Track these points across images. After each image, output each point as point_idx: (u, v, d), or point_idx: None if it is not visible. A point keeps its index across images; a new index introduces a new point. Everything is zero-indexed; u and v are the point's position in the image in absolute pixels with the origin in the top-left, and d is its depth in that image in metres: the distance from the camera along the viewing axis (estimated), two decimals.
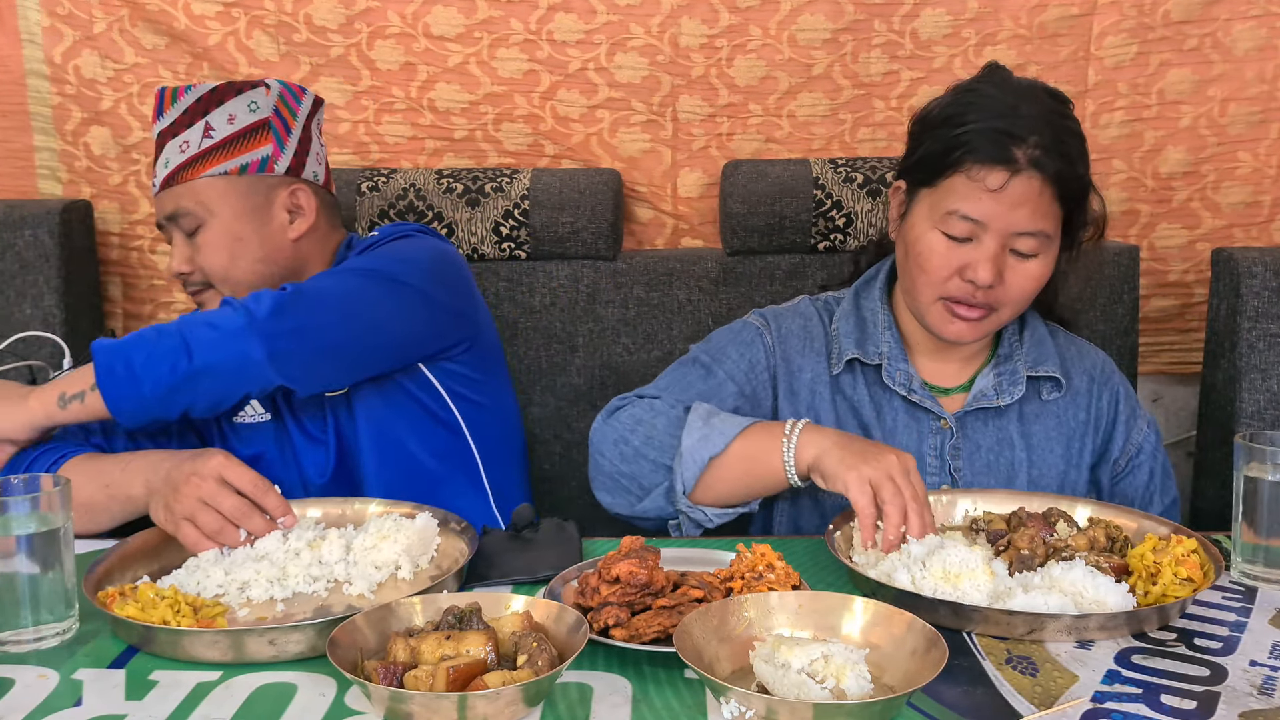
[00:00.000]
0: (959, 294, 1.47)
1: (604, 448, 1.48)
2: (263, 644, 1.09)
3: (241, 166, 1.63)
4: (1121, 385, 1.62)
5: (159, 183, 1.66)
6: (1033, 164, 1.42)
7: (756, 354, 1.59)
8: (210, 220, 1.63)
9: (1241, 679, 1.06)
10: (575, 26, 2.26)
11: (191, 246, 1.65)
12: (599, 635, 1.10)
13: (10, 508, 1.13)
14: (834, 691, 0.97)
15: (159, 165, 1.66)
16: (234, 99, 1.64)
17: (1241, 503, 1.30)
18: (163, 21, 2.27)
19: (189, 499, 1.29)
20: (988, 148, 1.42)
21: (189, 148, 1.62)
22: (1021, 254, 1.45)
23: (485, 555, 1.31)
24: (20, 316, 2.18)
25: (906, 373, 1.56)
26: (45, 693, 1.05)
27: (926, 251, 1.48)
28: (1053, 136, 1.43)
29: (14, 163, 2.35)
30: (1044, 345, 1.59)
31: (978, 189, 1.43)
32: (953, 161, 1.45)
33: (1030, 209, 1.43)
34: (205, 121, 1.62)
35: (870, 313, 1.60)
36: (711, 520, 1.43)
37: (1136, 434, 1.61)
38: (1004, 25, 2.25)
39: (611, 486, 1.48)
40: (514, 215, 2.13)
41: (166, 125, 1.65)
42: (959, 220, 1.44)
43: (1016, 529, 1.31)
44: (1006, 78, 1.51)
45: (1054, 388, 1.58)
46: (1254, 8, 2.24)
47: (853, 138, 2.31)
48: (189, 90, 1.64)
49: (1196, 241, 2.34)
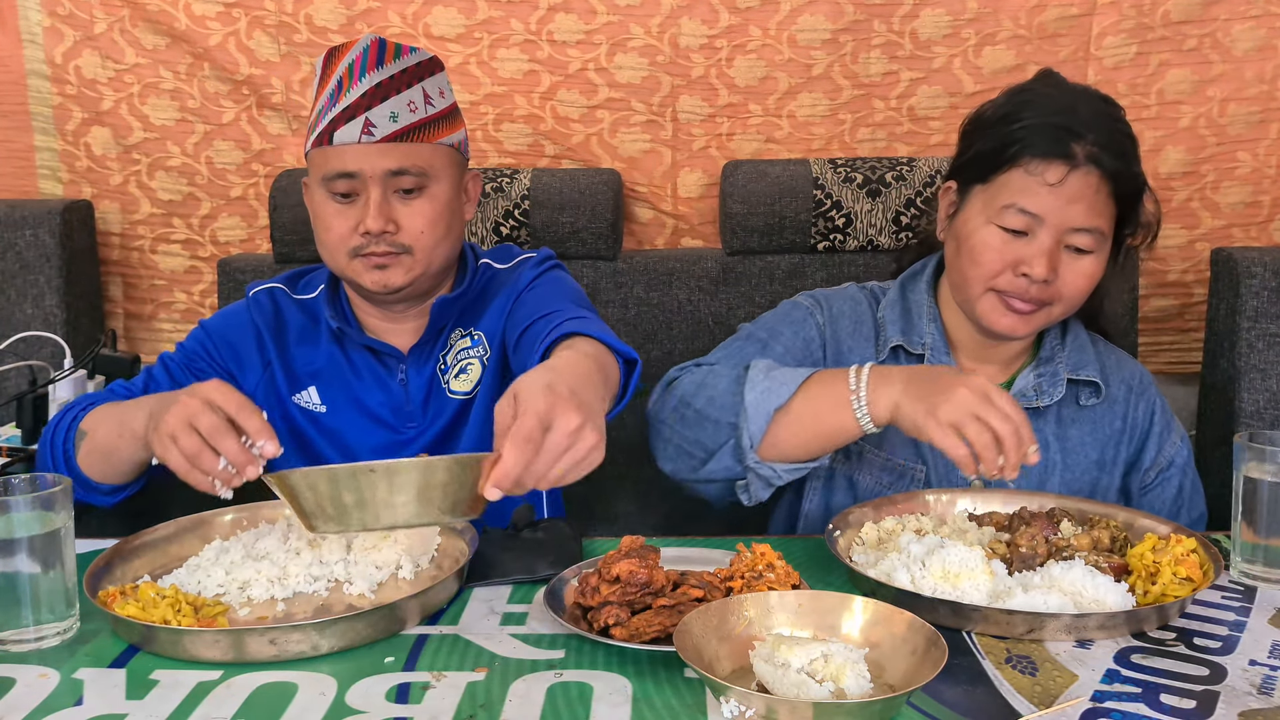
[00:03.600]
0: (1011, 288, 1.47)
1: (663, 415, 1.47)
2: (263, 644, 1.09)
3: (459, 144, 1.60)
4: (1158, 397, 1.63)
5: (383, 134, 1.51)
6: (1090, 160, 1.43)
7: (810, 332, 1.59)
8: (434, 187, 1.55)
9: (1241, 678, 1.06)
10: (575, 27, 2.26)
11: (399, 208, 1.54)
12: (599, 635, 1.10)
13: (11, 508, 1.13)
14: (834, 691, 0.97)
15: (377, 114, 1.51)
16: (440, 73, 1.59)
17: (1241, 502, 1.30)
18: (163, 22, 2.27)
19: (175, 419, 1.25)
20: (1046, 143, 1.44)
21: (417, 109, 1.53)
22: (1076, 250, 1.46)
23: (485, 555, 1.31)
24: (20, 316, 2.18)
25: (949, 365, 1.56)
26: (46, 692, 1.05)
27: (981, 246, 1.48)
28: (1109, 135, 1.45)
29: (15, 163, 2.35)
30: (1085, 351, 1.60)
31: (1036, 183, 1.44)
32: (1010, 157, 1.46)
33: (1086, 205, 1.44)
34: (423, 88, 1.55)
35: (916, 304, 1.61)
36: (781, 476, 1.41)
37: (1169, 447, 1.61)
38: (1004, 25, 2.25)
39: (674, 454, 1.47)
40: (514, 215, 2.14)
41: (388, 77, 1.53)
42: (1016, 214, 1.45)
43: (1018, 528, 1.31)
44: (1060, 81, 1.54)
45: (1092, 393, 1.58)
46: (1254, 8, 2.24)
47: (852, 138, 2.32)
48: (412, 51, 1.56)
49: (1196, 241, 2.34)
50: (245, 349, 1.65)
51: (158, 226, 2.38)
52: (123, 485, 1.49)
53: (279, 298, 1.69)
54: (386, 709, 1.01)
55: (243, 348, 1.65)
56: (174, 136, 2.33)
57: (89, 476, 1.47)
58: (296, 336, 1.67)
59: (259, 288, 1.70)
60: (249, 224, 2.38)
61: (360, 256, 1.54)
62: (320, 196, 1.55)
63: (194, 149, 2.34)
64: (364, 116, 1.50)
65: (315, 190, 1.56)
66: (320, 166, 1.53)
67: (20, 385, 1.81)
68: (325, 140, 1.51)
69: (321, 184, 1.54)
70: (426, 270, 1.57)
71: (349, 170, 1.51)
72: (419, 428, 1.63)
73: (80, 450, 1.46)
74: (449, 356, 1.64)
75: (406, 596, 1.16)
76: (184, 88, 2.31)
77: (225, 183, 2.36)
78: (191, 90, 2.31)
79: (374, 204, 1.50)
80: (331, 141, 1.51)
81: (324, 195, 1.54)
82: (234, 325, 1.67)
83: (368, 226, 1.50)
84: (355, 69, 1.52)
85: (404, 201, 1.53)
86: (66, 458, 1.48)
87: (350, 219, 1.53)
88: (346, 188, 1.52)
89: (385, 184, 1.51)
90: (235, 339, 1.66)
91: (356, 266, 1.55)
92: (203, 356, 1.64)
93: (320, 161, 1.53)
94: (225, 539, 1.35)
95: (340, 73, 1.53)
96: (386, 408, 1.63)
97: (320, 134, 1.52)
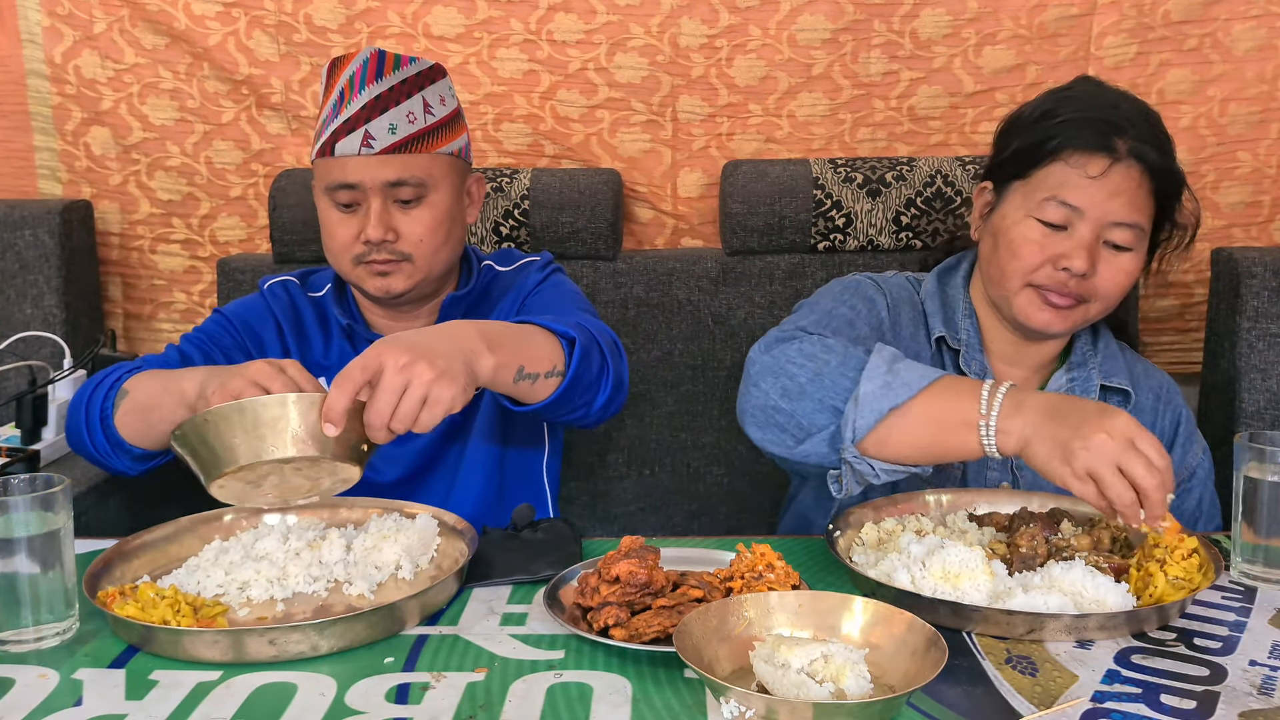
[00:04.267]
0: (1050, 283, 1.46)
1: (763, 379, 1.38)
2: (263, 644, 1.09)
3: (459, 150, 1.63)
4: (1184, 408, 1.63)
5: (382, 146, 1.55)
6: (1133, 154, 1.43)
7: (880, 310, 1.57)
8: (433, 195, 1.59)
9: (1241, 679, 1.06)
10: (575, 26, 2.26)
11: (399, 216, 1.58)
12: (599, 635, 1.10)
13: (11, 508, 1.13)
14: (834, 692, 0.97)
15: (376, 126, 1.55)
16: (440, 80, 1.62)
17: (1241, 503, 1.30)
18: (163, 21, 2.27)
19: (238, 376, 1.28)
20: (1089, 135, 1.44)
21: (416, 119, 1.57)
22: (1115, 246, 1.46)
23: (485, 555, 1.31)
24: (20, 316, 2.18)
25: (981, 364, 1.55)
26: (45, 692, 1.05)
27: (1020, 239, 1.47)
28: (1150, 132, 1.46)
29: (14, 163, 2.35)
30: (1115, 359, 1.59)
31: (1077, 175, 1.44)
32: (1051, 150, 1.46)
33: (1127, 199, 1.44)
34: (423, 97, 1.59)
35: (953, 298, 1.60)
36: (880, 476, 1.33)
37: (1191, 458, 1.60)
38: (1004, 25, 2.25)
39: (766, 422, 1.38)
40: (514, 215, 2.14)
41: (387, 89, 1.57)
42: (1057, 206, 1.45)
43: (1019, 528, 1.31)
44: (1101, 83, 1.54)
45: (1122, 401, 1.57)
46: (1254, 8, 2.24)
47: (853, 138, 2.31)
48: (412, 61, 1.59)
49: (1196, 241, 2.33)
50: (267, 336, 1.70)
51: (157, 226, 2.38)
52: (153, 454, 1.50)
53: (292, 291, 1.74)
54: (386, 709, 1.01)
55: (265, 334, 1.70)
56: (173, 136, 2.33)
57: (123, 436, 1.48)
58: (311, 329, 1.72)
59: (272, 281, 1.75)
60: (248, 224, 2.38)
61: (363, 263, 1.59)
62: (324, 204, 1.61)
63: (193, 149, 2.34)
64: (363, 128, 1.54)
65: (320, 197, 1.61)
66: (323, 176, 1.59)
67: (20, 385, 1.81)
68: (327, 151, 1.56)
69: (325, 193, 1.59)
70: (428, 276, 1.62)
71: (350, 181, 1.56)
72: None
73: (120, 408, 1.48)
74: None
75: (406, 597, 1.16)
76: (183, 87, 2.31)
77: (225, 183, 2.36)
78: (191, 90, 2.31)
79: (374, 214, 1.56)
80: (333, 153, 1.56)
81: (328, 203, 1.60)
82: (254, 313, 1.72)
83: (368, 236, 1.56)
84: (355, 81, 1.56)
85: (404, 210, 1.58)
86: (103, 415, 1.49)
87: (353, 227, 1.58)
88: (348, 198, 1.57)
89: (385, 194, 1.56)
90: (256, 325, 1.70)
91: (360, 273, 1.61)
92: (226, 339, 1.67)
93: (323, 171, 1.59)
94: (225, 539, 1.35)
95: (341, 84, 1.57)
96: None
97: (323, 145, 1.57)
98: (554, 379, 1.37)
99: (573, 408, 1.45)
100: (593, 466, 2.17)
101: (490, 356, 1.26)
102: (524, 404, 1.39)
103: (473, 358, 1.24)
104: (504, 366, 1.29)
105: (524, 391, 1.36)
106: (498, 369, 1.28)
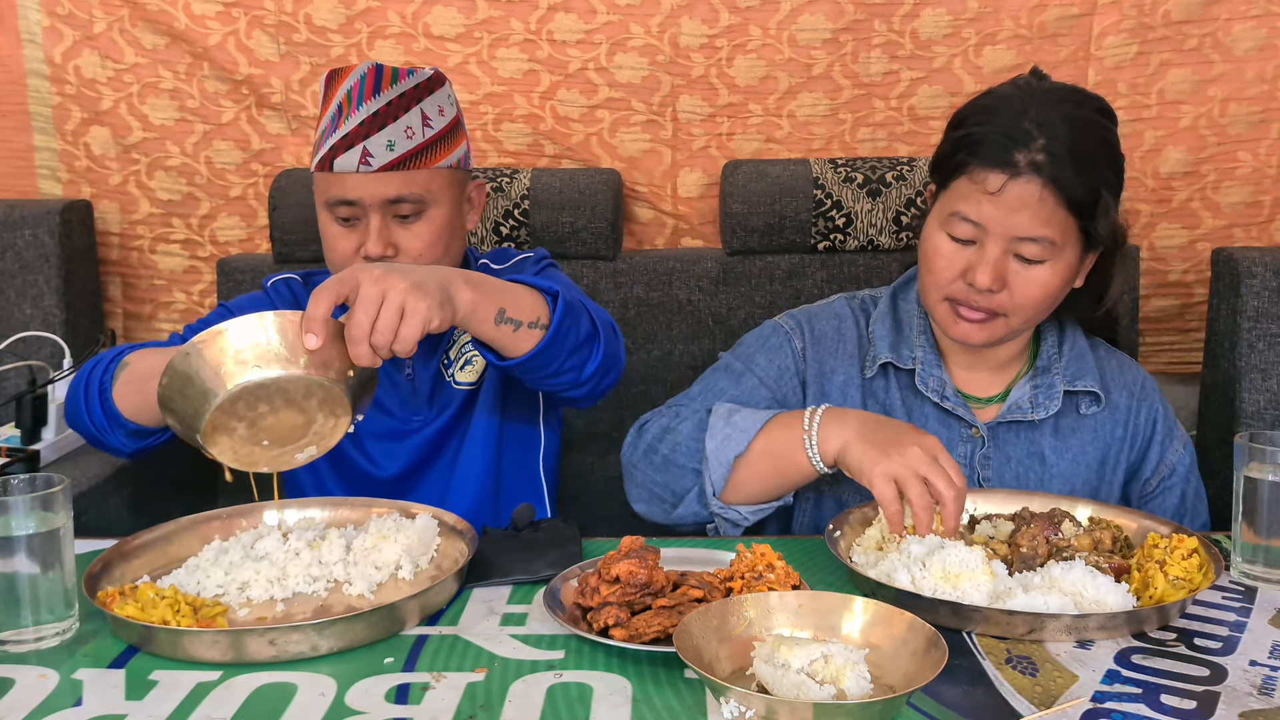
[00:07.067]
0: (961, 296, 1.46)
1: (635, 460, 1.50)
2: (263, 644, 1.09)
3: (458, 161, 1.63)
4: (1161, 404, 1.60)
5: (380, 163, 1.55)
6: (1033, 168, 1.38)
7: (785, 359, 1.58)
8: (432, 210, 1.60)
9: (1241, 679, 1.06)
10: (575, 26, 2.26)
11: (399, 232, 1.59)
12: (599, 635, 1.10)
13: (11, 508, 1.13)
14: (834, 692, 0.97)
15: (374, 143, 1.55)
16: (440, 89, 1.62)
17: (1241, 503, 1.30)
18: (163, 21, 2.27)
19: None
20: (987, 150, 1.41)
21: (414, 134, 1.57)
22: (1026, 260, 1.43)
23: (485, 555, 1.31)
24: (20, 316, 2.18)
25: (940, 379, 1.54)
26: (45, 693, 1.05)
27: (932, 252, 1.47)
28: (1067, 142, 1.39)
29: (14, 163, 2.35)
30: (1084, 359, 1.57)
31: (978, 191, 1.41)
32: (958, 163, 1.44)
33: (1030, 214, 1.40)
34: (421, 110, 1.59)
35: (906, 315, 1.59)
36: (746, 518, 1.44)
37: (1171, 455, 1.59)
38: (1004, 25, 2.25)
39: (647, 497, 1.50)
40: (514, 215, 2.14)
41: (385, 104, 1.57)
42: (960, 222, 1.43)
43: (1020, 528, 1.31)
44: (1028, 83, 1.47)
45: (1092, 402, 1.55)
46: (1254, 8, 2.24)
47: (853, 138, 2.31)
48: (410, 74, 1.59)
49: (1196, 241, 2.34)
50: None
51: (157, 226, 2.38)
52: (146, 432, 1.50)
53: (295, 289, 1.75)
54: (386, 709, 1.01)
55: None
56: (173, 136, 2.33)
57: (120, 409, 1.48)
58: None
59: (275, 278, 1.76)
60: (248, 224, 2.38)
61: None
62: (325, 216, 1.61)
63: (193, 149, 2.34)
64: (362, 145, 1.55)
65: (320, 209, 1.62)
66: (323, 191, 1.60)
67: (19, 385, 1.81)
68: (326, 166, 1.57)
69: (325, 207, 1.60)
70: None
71: (348, 198, 1.57)
72: (425, 419, 1.69)
73: (119, 379, 1.49)
74: (453, 350, 1.69)
75: (406, 597, 1.16)
76: (183, 87, 2.31)
77: (224, 182, 2.36)
78: (191, 90, 2.31)
79: (374, 231, 1.57)
80: (332, 168, 1.56)
81: (328, 216, 1.60)
82: (257, 307, 1.71)
83: (368, 251, 1.57)
84: (353, 96, 1.57)
85: (403, 225, 1.59)
86: (102, 388, 1.50)
87: (353, 241, 1.59)
88: (348, 213, 1.58)
89: (384, 210, 1.57)
90: None
91: None
92: None
93: (323, 186, 1.60)
94: (224, 539, 1.35)
95: (339, 98, 1.58)
96: (394, 400, 1.69)
97: (321, 159, 1.58)
98: (538, 330, 1.36)
99: (561, 369, 1.44)
100: (593, 466, 2.17)
101: (469, 290, 1.28)
102: (509, 358, 1.38)
103: (450, 287, 1.26)
104: (483, 304, 1.30)
105: (507, 338, 1.34)
106: (476, 304, 1.29)
